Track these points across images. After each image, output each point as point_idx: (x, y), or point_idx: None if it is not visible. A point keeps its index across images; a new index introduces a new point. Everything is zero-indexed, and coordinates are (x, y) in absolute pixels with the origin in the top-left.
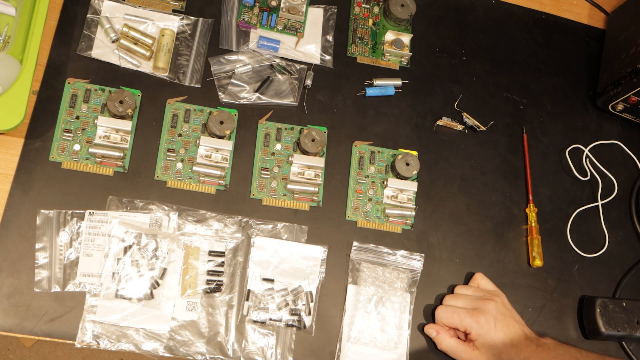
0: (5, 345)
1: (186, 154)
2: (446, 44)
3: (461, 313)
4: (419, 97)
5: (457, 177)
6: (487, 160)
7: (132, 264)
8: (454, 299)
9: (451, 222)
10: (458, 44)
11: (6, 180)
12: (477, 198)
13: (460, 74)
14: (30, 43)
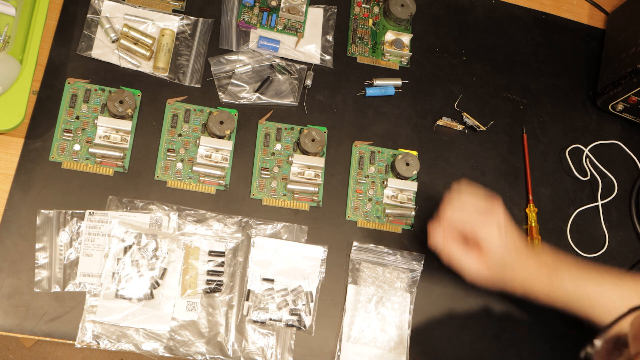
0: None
1: (186, 154)
2: (446, 44)
3: (473, 219)
4: (419, 97)
5: (457, 177)
6: (487, 160)
7: (132, 264)
8: (459, 208)
9: None
10: (458, 44)
11: (6, 180)
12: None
13: (460, 74)
14: (30, 43)
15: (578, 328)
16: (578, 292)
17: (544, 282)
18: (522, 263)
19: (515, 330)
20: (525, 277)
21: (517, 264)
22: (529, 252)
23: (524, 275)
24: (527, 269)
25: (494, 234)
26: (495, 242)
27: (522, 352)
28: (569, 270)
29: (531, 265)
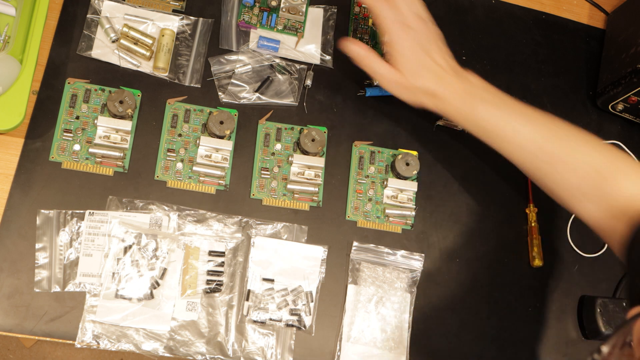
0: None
1: (186, 154)
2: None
3: (395, 22)
4: None
5: (457, 177)
6: (487, 160)
7: (132, 264)
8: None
9: (451, 222)
10: (458, 44)
11: (6, 180)
12: (477, 198)
13: None
14: (30, 43)
15: (580, 330)
16: (492, 123)
17: (461, 106)
18: (445, 82)
19: (515, 331)
20: (444, 97)
21: (440, 82)
22: (457, 74)
23: (444, 94)
24: (450, 88)
25: (407, 43)
26: (406, 52)
27: (522, 353)
28: (488, 100)
29: (456, 85)
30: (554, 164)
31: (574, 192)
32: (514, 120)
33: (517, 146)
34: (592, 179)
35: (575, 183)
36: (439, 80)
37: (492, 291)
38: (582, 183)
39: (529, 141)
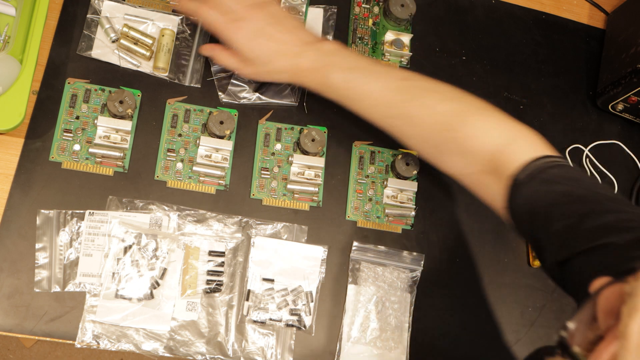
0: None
1: (186, 154)
2: (446, 44)
3: (220, 24)
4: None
5: None
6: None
7: (132, 264)
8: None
9: (451, 222)
10: (458, 44)
11: (6, 180)
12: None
13: (460, 74)
14: (30, 43)
15: None
16: (345, 86)
17: (316, 75)
18: (297, 57)
19: (515, 331)
20: (299, 70)
21: (291, 59)
22: (307, 45)
23: (297, 68)
24: (302, 61)
25: (244, 39)
26: (248, 45)
27: (522, 352)
28: (340, 64)
29: (308, 57)
30: (405, 118)
31: (429, 146)
32: (365, 79)
33: (370, 105)
34: (443, 129)
35: (427, 136)
36: (289, 58)
37: (492, 291)
38: (434, 135)
39: (380, 98)
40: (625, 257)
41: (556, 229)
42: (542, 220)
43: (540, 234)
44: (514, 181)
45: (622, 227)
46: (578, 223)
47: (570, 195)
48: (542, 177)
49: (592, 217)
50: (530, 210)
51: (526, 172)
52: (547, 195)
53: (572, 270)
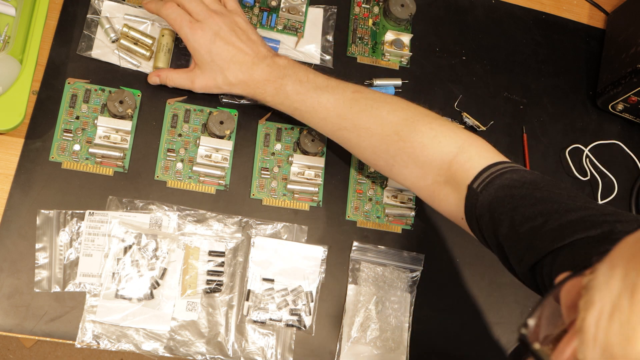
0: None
1: (186, 154)
2: (446, 44)
3: (182, 21)
4: (419, 97)
5: None
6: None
7: (132, 264)
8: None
9: (451, 222)
10: (458, 44)
11: (6, 180)
12: None
13: (460, 74)
14: (30, 43)
15: None
16: (297, 100)
17: (271, 89)
18: (253, 70)
19: (515, 331)
20: (254, 84)
21: (248, 71)
22: (263, 59)
23: (253, 82)
24: (258, 74)
25: (200, 41)
26: (202, 50)
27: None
28: (293, 77)
29: (263, 70)
30: (356, 130)
31: (382, 158)
32: (318, 92)
33: (322, 117)
34: (394, 140)
35: (379, 146)
36: (244, 68)
37: (492, 291)
38: (386, 146)
39: (332, 110)
40: (595, 253)
41: (521, 233)
42: (505, 226)
43: (504, 241)
44: (471, 190)
45: (587, 224)
46: (542, 224)
47: (531, 197)
48: (499, 183)
49: (556, 217)
50: (491, 218)
51: (482, 180)
52: (507, 200)
53: (542, 272)
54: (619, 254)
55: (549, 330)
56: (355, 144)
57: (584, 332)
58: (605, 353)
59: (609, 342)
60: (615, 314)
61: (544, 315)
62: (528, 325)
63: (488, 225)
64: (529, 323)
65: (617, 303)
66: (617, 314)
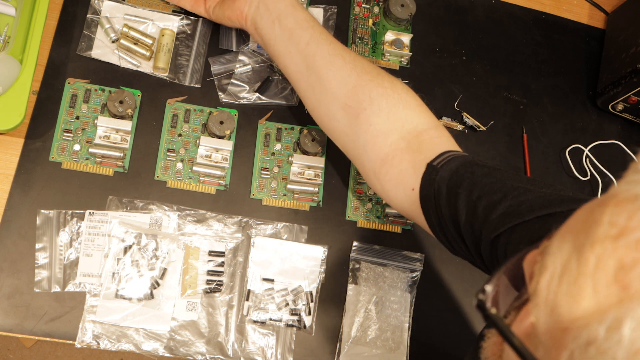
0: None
1: (186, 154)
2: (446, 44)
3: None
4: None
5: None
6: (487, 160)
7: (132, 264)
8: None
9: None
10: (458, 44)
11: (6, 180)
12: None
13: (460, 74)
14: (30, 43)
15: None
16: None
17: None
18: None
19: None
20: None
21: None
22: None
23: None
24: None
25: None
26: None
27: None
28: (281, 14)
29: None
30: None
31: (358, 95)
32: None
33: (285, 67)
34: (380, 83)
35: (359, 82)
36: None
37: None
38: (371, 85)
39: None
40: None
41: (479, 207)
42: (463, 199)
43: (462, 215)
44: (430, 167)
45: (545, 202)
46: (500, 200)
47: (491, 176)
48: (460, 161)
49: (515, 194)
50: (449, 192)
51: (443, 159)
52: (467, 176)
53: (497, 248)
54: (573, 222)
55: (511, 300)
56: (312, 105)
57: (537, 295)
58: (553, 313)
59: (557, 302)
60: (564, 276)
61: (504, 284)
62: (485, 291)
63: (445, 201)
64: (487, 289)
65: (567, 265)
66: (566, 275)
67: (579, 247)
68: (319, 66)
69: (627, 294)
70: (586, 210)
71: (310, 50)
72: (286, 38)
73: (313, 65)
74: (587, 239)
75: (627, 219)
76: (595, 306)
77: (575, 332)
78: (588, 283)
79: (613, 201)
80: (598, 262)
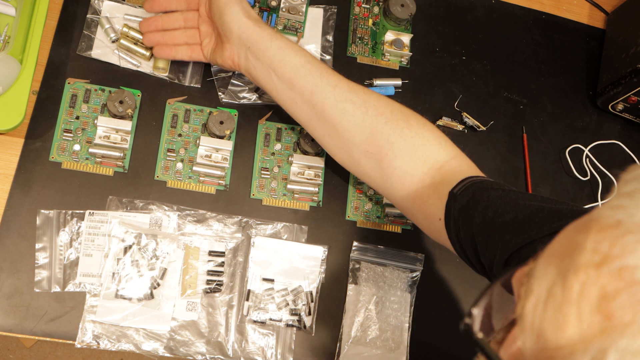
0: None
1: (186, 154)
2: (446, 44)
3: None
4: (419, 97)
5: None
6: (487, 160)
7: (132, 264)
8: None
9: None
10: (458, 44)
11: (6, 180)
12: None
13: (460, 74)
14: (30, 43)
15: None
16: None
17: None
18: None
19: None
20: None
21: (230, 33)
22: (247, 28)
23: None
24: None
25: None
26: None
27: None
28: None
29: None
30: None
31: (376, 141)
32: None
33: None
34: (397, 124)
35: (380, 128)
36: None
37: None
38: (388, 129)
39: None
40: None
41: (492, 228)
42: (478, 221)
43: (477, 236)
44: (451, 194)
45: (555, 218)
46: (513, 219)
47: (505, 197)
48: (477, 186)
49: (525, 212)
50: (467, 216)
51: (462, 185)
52: (482, 200)
53: (518, 263)
54: (558, 243)
55: (501, 321)
56: (326, 143)
57: (523, 319)
58: (540, 339)
59: (543, 329)
60: (549, 301)
61: (494, 305)
62: (472, 315)
63: (464, 225)
64: (474, 312)
65: (552, 290)
66: (551, 301)
67: (564, 273)
68: (331, 117)
69: (610, 324)
70: (570, 232)
71: (317, 101)
72: (287, 88)
73: (324, 116)
74: (571, 264)
75: (609, 247)
76: (579, 335)
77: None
78: (572, 311)
79: (596, 226)
80: (582, 289)
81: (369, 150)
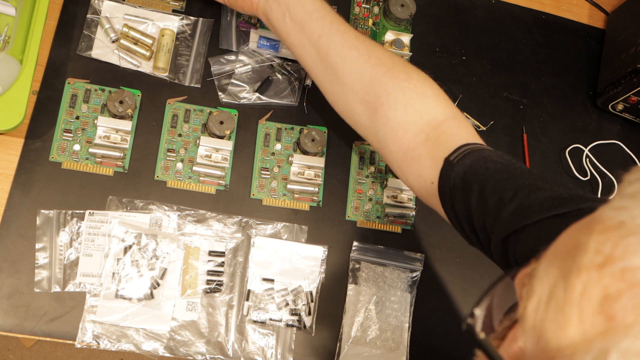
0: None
1: (186, 154)
2: (446, 44)
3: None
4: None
5: None
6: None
7: (132, 264)
8: None
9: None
10: (458, 44)
11: (6, 180)
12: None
13: (460, 74)
14: (30, 43)
15: None
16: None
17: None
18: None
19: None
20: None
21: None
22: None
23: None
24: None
25: None
26: None
27: None
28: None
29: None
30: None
31: (372, 91)
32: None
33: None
34: (395, 74)
35: (375, 76)
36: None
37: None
38: (386, 78)
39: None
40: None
41: (489, 204)
42: (475, 196)
43: (474, 212)
44: (447, 162)
45: (555, 202)
46: (511, 198)
47: (504, 172)
48: (475, 156)
49: (525, 192)
50: (463, 188)
51: (459, 153)
52: (481, 172)
53: (508, 248)
54: (561, 243)
55: (503, 322)
56: (331, 97)
57: (525, 320)
58: (541, 340)
59: (544, 329)
60: (551, 302)
61: (496, 305)
62: (475, 315)
63: (460, 197)
64: (476, 312)
65: (553, 291)
66: (552, 302)
67: (566, 273)
68: (333, 60)
69: (612, 325)
70: (573, 233)
71: (323, 44)
72: (298, 30)
73: (327, 59)
74: (573, 265)
75: (612, 247)
76: (581, 336)
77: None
78: (574, 311)
79: (599, 227)
80: (584, 290)
81: (366, 99)
